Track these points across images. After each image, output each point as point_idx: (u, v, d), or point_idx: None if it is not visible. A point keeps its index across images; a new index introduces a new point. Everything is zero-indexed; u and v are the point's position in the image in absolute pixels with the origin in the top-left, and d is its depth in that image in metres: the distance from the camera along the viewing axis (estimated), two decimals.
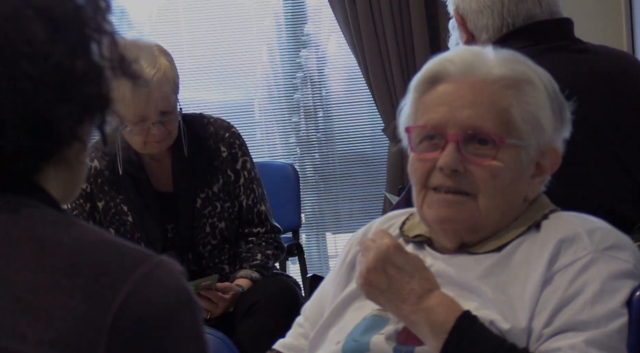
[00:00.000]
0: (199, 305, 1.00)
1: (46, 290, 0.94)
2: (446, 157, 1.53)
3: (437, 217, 1.56)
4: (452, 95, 1.55)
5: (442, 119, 1.54)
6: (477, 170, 1.53)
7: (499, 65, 1.55)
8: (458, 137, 1.53)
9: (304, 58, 4.82)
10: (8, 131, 0.97)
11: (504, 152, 1.53)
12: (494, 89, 1.54)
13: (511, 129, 1.53)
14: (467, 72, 1.55)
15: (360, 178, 4.83)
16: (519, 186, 1.56)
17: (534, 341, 1.46)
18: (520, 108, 1.53)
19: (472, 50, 1.61)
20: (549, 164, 1.58)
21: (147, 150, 2.76)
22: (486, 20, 2.16)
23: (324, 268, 4.92)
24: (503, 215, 1.56)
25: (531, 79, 1.55)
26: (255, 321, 2.72)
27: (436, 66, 1.58)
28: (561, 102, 1.59)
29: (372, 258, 1.48)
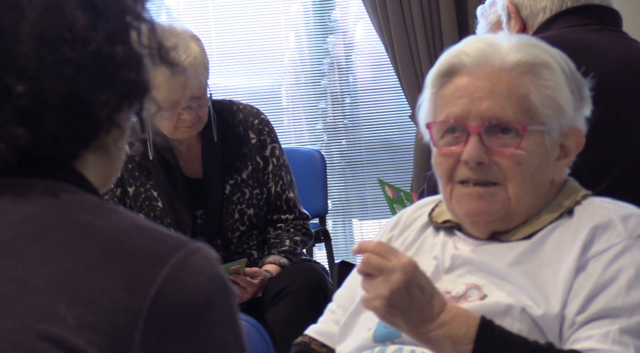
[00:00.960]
0: (234, 291, 1.01)
1: (85, 275, 0.95)
2: (470, 150, 1.52)
3: (467, 211, 1.56)
4: (469, 87, 1.54)
5: (462, 111, 1.54)
6: (502, 160, 1.53)
7: (513, 51, 1.55)
8: (480, 129, 1.52)
9: (332, 44, 4.82)
10: (49, 115, 0.98)
11: (527, 139, 1.52)
12: (511, 76, 1.53)
13: (532, 115, 1.53)
14: (482, 62, 1.54)
15: (387, 164, 4.83)
16: (545, 170, 1.56)
17: (567, 328, 1.46)
18: (539, 93, 1.53)
19: (485, 39, 1.59)
20: (573, 145, 1.58)
21: (177, 135, 2.77)
22: (545, 3, 2.17)
23: (350, 254, 4.93)
24: (534, 200, 1.56)
25: (547, 62, 1.55)
26: (283, 307, 2.74)
27: (451, 58, 1.57)
28: (579, 81, 1.58)
29: (399, 280, 1.39)
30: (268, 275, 2.80)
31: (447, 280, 1.57)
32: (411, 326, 1.42)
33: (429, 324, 1.41)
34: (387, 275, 1.40)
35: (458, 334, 1.42)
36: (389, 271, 1.40)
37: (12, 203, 0.99)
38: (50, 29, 0.98)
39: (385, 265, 1.40)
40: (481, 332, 1.42)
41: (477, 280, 1.53)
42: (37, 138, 0.99)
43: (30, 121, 0.98)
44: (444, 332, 1.42)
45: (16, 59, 0.98)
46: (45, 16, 0.99)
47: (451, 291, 1.54)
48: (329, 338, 1.72)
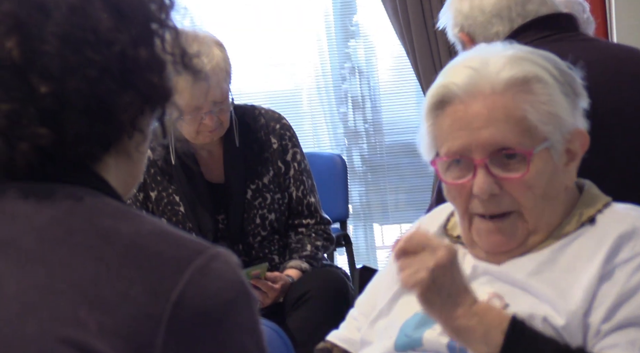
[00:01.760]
0: (255, 296, 1.01)
1: (106, 280, 0.95)
2: (480, 184, 1.51)
3: (489, 246, 1.55)
4: (465, 117, 1.51)
5: (463, 144, 1.52)
6: (513, 187, 1.51)
7: (501, 69, 1.51)
8: (485, 160, 1.50)
9: (353, 48, 4.82)
10: (71, 115, 0.99)
11: (534, 161, 1.50)
12: (505, 99, 1.50)
13: (533, 134, 1.50)
14: (472, 89, 1.51)
15: (407, 169, 4.82)
16: (557, 182, 1.54)
17: (592, 336, 1.44)
18: (536, 111, 1.50)
19: (470, 63, 1.54)
20: (578, 146, 1.56)
21: (199, 140, 2.78)
22: (496, 29, 2.16)
23: (371, 259, 4.92)
24: (553, 213, 1.55)
25: (538, 75, 1.51)
26: (304, 312, 2.73)
27: (440, 89, 1.54)
28: (571, 80, 1.55)
29: (444, 255, 1.39)
30: (289, 279, 2.80)
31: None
32: (446, 309, 1.41)
33: (464, 310, 1.41)
34: (433, 250, 1.40)
35: (492, 324, 1.41)
36: (434, 247, 1.40)
37: (35, 207, 0.99)
38: (74, 30, 0.99)
39: (429, 241, 1.41)
40: (513, 326, 1.41)
41: (498, 289, 1.52)
42: (59, 138, 0.99)
43: (53, 122, 0.99)
44: (477, 321, 1.41)
45: (40, 59, 0.98)
46: (71, 17, 0.99)
47: None
48: (351, 344, 1.71)
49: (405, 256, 1.40)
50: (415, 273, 1.39)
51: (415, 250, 1.40)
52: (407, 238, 1.41)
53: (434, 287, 1.39)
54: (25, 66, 0.99)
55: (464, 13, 2.19)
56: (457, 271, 1.42)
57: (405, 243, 1.40)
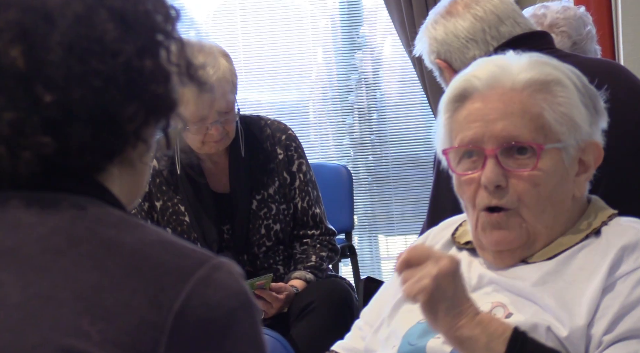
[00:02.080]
0: (258, 307, 1.01)
1: (109, 290, 0.95)
2: (488, 173, 1.52)
3: (491, 241, 1.56)
4: (482, 110, 1.53)
5: (476, 134, 1.53)
6: (519, 183, 1.52)
7: (524, 71, 1.54)
8: (496, 151, 1.52)
9: (359, 60, 4.83)
10: (75, 125, 0.99)
11: (544, 158, 1.52)
12: (523, 96, 1.52)
13: (547, 133, 1.52)
14: (493, 84, 1.54)
15: (413, 181, 4.82)
16: (564, 187, 1.55)
17: (594, 348, 1.45)
18: (552, 111, 1.52)
19: (495, 61, 1.59)
20: (592, 159, 1.57)
21: (204, 150, 2.78)
22: (472, 53, 2.17)
23: (376, 270, 4.92)
24: (555, 219, 1.55)
25: (559, 79, 1.54)
26: (309, 322, 2.73)
27: (462, 83, 1.57)
28: (592, 95, 1.57)
29: (448, 263, 1.40)
30: (294, 290, 2.80)
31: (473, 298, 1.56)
32: (449, 318, 1.41)
33: (467, 320, 1.41)
34: (436, 259, 1.40)
35: (494, 334, 1.41)
36: (437, 257, 1.40)
37: (38, 216, 0.99)
38: (80, 39, 0.99)
39: (432, 252, 1.42)
40: (515, 336, 1.41)
41: (502, 299, 1.53)
42: (63, 148, 1.00)
43: (57, 131, 0.99)
44: (480, 331, 1.41)
45: (45, 68, 0.99)
46: (76, 27, 0.99)
47: None
48: None
49: (408, 268, 1.41)
50: (418, 281, 1.39)
51: (419, 262, 1.40)
52: (410, 250, 1.41)
53: (437, 295, 1.39)
54: (30, 74, 0.99)
55: (438, 40, 2.20)
56: (459, 281, 1.42)
57: (409, 254, 1.41)
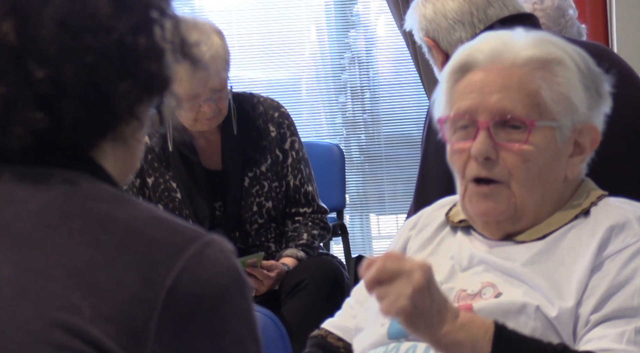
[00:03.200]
0: (249, 284, 1.01)
1: (101, 265, 0.95)
2: (478, 144, 1.53)
3: (477, 211, 1.57)
4: (480, 82, 1.54)
5: (471, 105, 1.54)
6: (509, 156, 1.53)
7: (526, 48, 1.55)
8: (488, 123, 1.53)
9: (353, 38, 4.82)
10: (68, 101, 0.99)
11: (536, 135, 1.52)
12: (522, 72, 1.53)
13: (542, 110, 1.52)
14: (494, 59, 1.55)
15: (405, 160, 4.83)
16: (556, 167, 1.55)
17: (581, 327, 1.45)
18: (550, 89, 1.52)
19: (500, 36, 1.59)
20: (588, 142, 1.57)
21: (197, 127, 2.78)
22: (459, 34, 2.17)
23: (367, 249, 4.93)
24: (543, 198, 1.56)
25: (560, 58, 1.54)
26: (300, 300, 2.74)
27: (464, 55, 1.58)
28: (596, 78, 1.57)
29: (421, 277, 1.35)
30: (285, 268, 2.81)
31: (463, 278, 1.57)
32: (432, 328, 1.39)
33: (449, 326, 1.39)
34: (408, 274, 1.36)
35: (478, 335, 1.41)
36: (408, 272, 1.36)
37: (31, 191, 0.99)
38: (73, 15, 0.99)
39: (402, 267, 1.36)
40: (499, 333, 1.41)
41: (492, 279, 1.53)
42: (55, 124, 0.99)
43: (50, 107, 0.99)
44: (464, 334, 1.40)
45: (37, 44, 0.98)
46: (69, 2, 0.99)
47: (466, 289, 1.54)
48: (346, 332, 1.72)
49: (380, 286, 1.36)
50: (395, 301, 1.35)
51: (390, 278, 1.36)
52: (379, 268, 1.36)
53: (416, 311, 1.36)
54: (22, 50, 0.99)
55: (427, 18, 2.21)
56: (435, 289, 1.39)
57: (378, 274, 1.36)
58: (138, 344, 0.93)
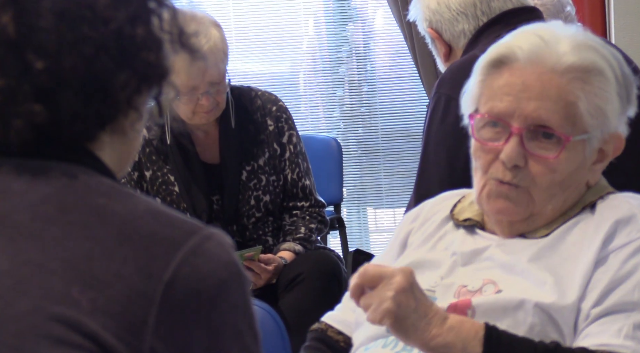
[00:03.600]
0: (247, 277, 1.01)
1: (99, 259, 0.95)
2: (509, 151, 1.50)
3: (493, 209, 1.55)
4: (518, 85, 1.51)
5: (507, 109, 1.51)
6: (537, 165, 1.51)
7: (569, 53, 1.51)
8: (522, 131, 1.50)
9: (351, 32, 4.81)
10: (67, 93, 0.99)
11: (568, 148, 1.50)
12: (562, 81, 1.50)
13: (577, 122, 1.50)
14: (535, 59, 1.51)
15: (403, 154, 4.83)
16: (579, 175, 1.54)
17: (582, 320, 1.45)
18: (587, 101, 1.50)
19: (541, 32, 1.54)
20: (611, 149, 1.56)
21: (195, 120, 2.78)
22: (462, 26, 2.17)
23: (364, 242, 4.93)
24: (564, 203, 1.55)
25: (601, 69, 1.51)
26: (297, 293, 2.74)
27: (503, 49, 1.54)
28: (629, 84, 1.55)
29: (401, 280, 1.37)
30: (282, 261, 2.80)
31: (464, 273, 1.56)
32: (421, 331, 1.39)
33: (438, 329, 1.39)
34: (388, 279, 1.38)
35: (468, 337, 1.40)
36: (389, 276, 1.38)
37: (29, 184, 0.99)
38: (71, 6, 0.99)
39: (383, 271, 1.38)
40: (489, 334, 1.41)
41: (494, 275, 1.53)
42: (54, 116, 0.99)
43: (48, 99, 0.99)
44: (454, 336, 1.40)
45: (36, 35, 0.98)
46: None
47: (467, 284, 1.53)
48: (346, 325, 1.72)
49: (364, 295, 1.39)
50: (379, 306, 1.37)
51: (372, 284, 1.38)
52: (361, 275, 1.39)
53: (401, 313, 1.37)
54: (21, 41, 0.98)
55: (431, 9, 2.20)
56: (418, 292, 1.40)
57: (360, 279, 1.38)
58: (136, 337, 0.93)
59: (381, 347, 1.54)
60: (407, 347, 1.50)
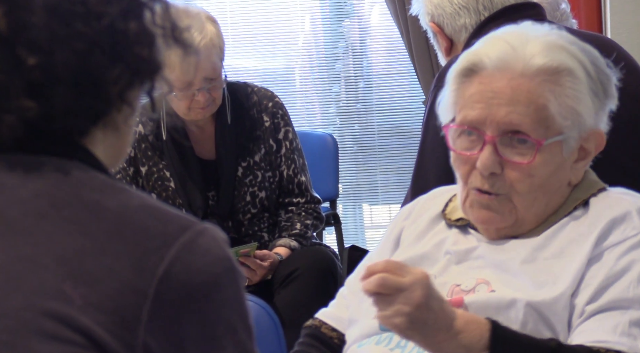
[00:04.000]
0: (241, 272, 1.01)
1: (92, 254, 0.95)
2: (484, 160, 1.50)
3: (477, 218, 1.56)
4: (489, 92, 1.51)
5: (479, 116, 1.51)
6: (513, 172, 1.51)
7: (537, 54, 1.50)
8: (495, 138, 1.50)
9: (347, 28, 4.81)
10: (59, 88, 0.98)
11: (543, 151, 1.50)
12: (532, 85, 1.49)
13: (550, 125, 1.50)
14: (502, 66, 1.51)
15: (398, 150, 4.83)
16: (560, 176, 1.54)
17: (576, 317, 1.45)
18: (558, 104, 1.49)
19: (509, 39, 1.54)
20: (593, 147, 1.55)
21: (191, 116, 2.78)
22: (463, 20, 2.17)
23: (360, 239, 4.93)
24: (547, 205, 1.55)
25: (570, 69, 1.50)
26: (292, 289, 2.74)
27: (472, 57, 1.54)
28: (604, 80, 1.54)
29: (420, 296, 1.35)
30: (278, 257, 2.80)
31: (457, 272, 1.56)
32: (428, 338, 1.39)
33: (444, 334, 1.39)
34: (408, 292, 1.35)
35: (472, 341, 1.40)
36: (407, 289, 1.35)
37: (22, 179, 0.99)
38: (63, 1, 0.98)
39: (402, 283, 1.35)
40: (494, 337, 1.41)
41: (487, 275, 1.52)
42: (47, 111, 0.99)
43: (41, 94, 0.98)
44: (459, 340, 1.40)
45: (28, 31, 0.98)
46: None
47: (461, 284, 1.53)
48: (340, 322, 1.72)
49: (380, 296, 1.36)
50: (392, 317, 1.36)
51: (390, 293, 1.36)
52: (379, 283, 1.35)
53: (412, 327, 1.37)
54: (12, 37, 0.98)
55: (433, 3, 2.21)
56: (434, 301, 1.38)
57: (378, 289, 1.35)
58: (129, 333, 0.93)
59: (374, 343, 1.54)
60: (400, 344, 1.50)
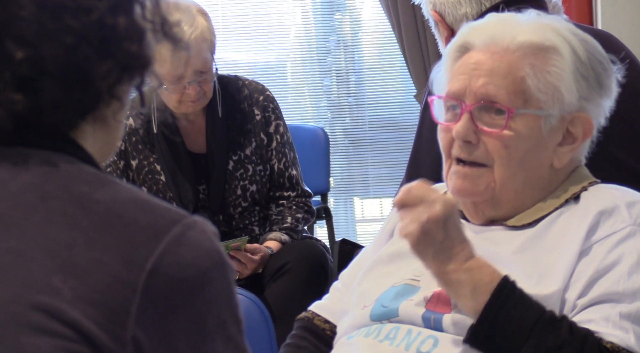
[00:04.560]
0: (231, 266, 1.01)
1: (81, 247, 0.95)
2: (458, 127, 1.53)
3: (453, 188, 1.57)
4: (471, 64, 1.55)
5: (460, 87, 1.55)
6: (490, 141, 1.53)
7: (525, 32, 1.54)
8: (472, 107, 1.53)
9: (338, 21, 4.81)
10: (47, 82, 0.98)
11: (518, 122, 1.52)
12: (512, 57, 1.52)
13: (527, 98, 1.52)
14: (489, 41, 1.55)
15: (390, 144, 4.83)
16: (540, 155, 1.55)
17: (568, 311, 1.45)
18: (536, 78, 1.52)
19: (503, 19, 1.59)
20: (580, 132, 1.56)
21: (181, 109, 2.77)
22: (465, 9, 2.18)
23: (351, 232, 4.94)
24: (525, 184, 1.55)
25: (556, 46, 1.53)
26: (283, 283, 2.74)
27: (465, 35, 1.59)
28: (598, 69, 1.55)
29: (439, 210, 1.40)
30: (269, 251, 2.80)
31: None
32: (438, 261, 1.42)
33: (455, 265, 1.41)
34: (429, 204, 1.40)
35: (480, 282, 1.41)
36: (430, 201, 1.40)
37: (10, 172, 0.98)
38: None
39: (427, 195, 1.41)
40: (502, 286, 1.41)
41: None
42: (35, 105, 0.99)
43: (29, 88, 0.98)
44: (468, 277, 1.41)
45: (16, 24, 0.97)
46: None
47: None
48: (333, 314, 1.72)
49: (404, 208, 1.42)
50: (408, 224, 1.41)
51: (413, 203, 1.41)
52: (405, 191, 1.42)
53: (425, 240, 1.40)
54: (1, 31, 0.98)
55: None
56: (453, 226, 1.42)
57: (403, 196, 1.42)
58: (119, 326, 0.93)
59: (363, 335, 1.54)
60: (390, 335, 1.51)
